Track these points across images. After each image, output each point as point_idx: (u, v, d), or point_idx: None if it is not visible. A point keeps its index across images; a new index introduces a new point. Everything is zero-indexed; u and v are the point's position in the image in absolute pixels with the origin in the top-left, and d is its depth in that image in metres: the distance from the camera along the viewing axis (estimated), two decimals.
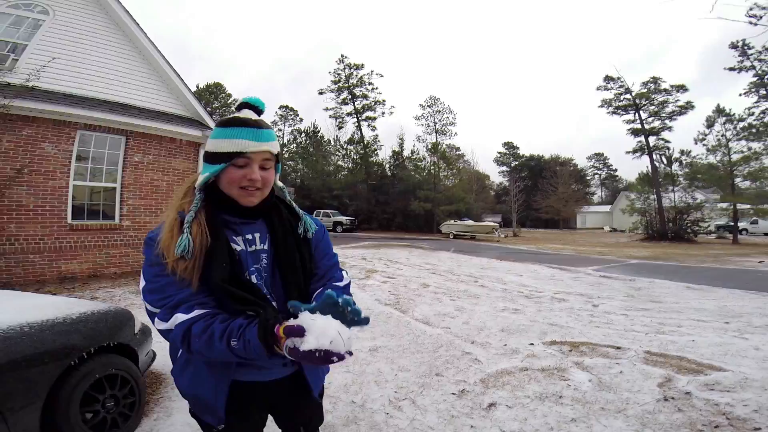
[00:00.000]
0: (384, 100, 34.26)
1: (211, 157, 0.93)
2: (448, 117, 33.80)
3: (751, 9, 14.64)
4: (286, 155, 36.35)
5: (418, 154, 34.09)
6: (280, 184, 1.06)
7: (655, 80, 25.62)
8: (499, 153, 52.32)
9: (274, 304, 0.95)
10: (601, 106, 27.66)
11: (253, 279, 0.95)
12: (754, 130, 22.28)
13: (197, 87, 38.71)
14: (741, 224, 23.82)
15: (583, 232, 38.09)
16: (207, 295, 0.89)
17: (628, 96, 26.31)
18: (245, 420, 1.05)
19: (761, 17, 14.84)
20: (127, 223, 7.10)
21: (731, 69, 23.81)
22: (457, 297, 6.13)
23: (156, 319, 0.88)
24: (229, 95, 41.33)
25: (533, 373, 3.09)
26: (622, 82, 26.45)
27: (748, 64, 23.13)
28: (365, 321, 0.79)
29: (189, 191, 0.97)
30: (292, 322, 0.76)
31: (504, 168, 51.74)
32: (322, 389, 1.19)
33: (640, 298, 6.43)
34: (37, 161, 6.00)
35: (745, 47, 22.91)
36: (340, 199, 31.63)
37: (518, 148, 52.03)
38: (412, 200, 28.65)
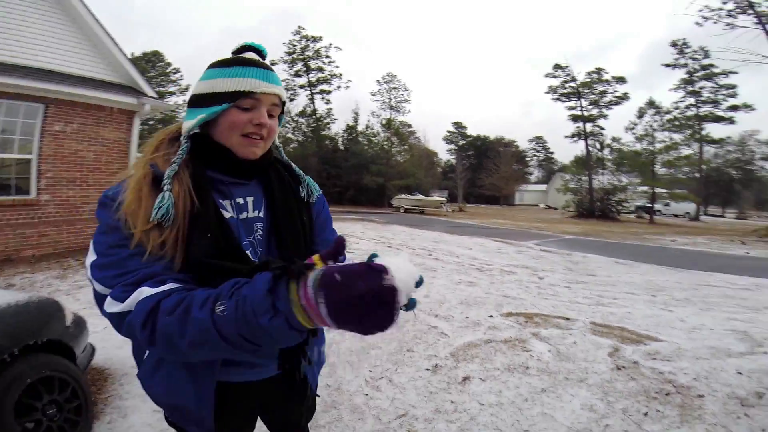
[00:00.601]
0: (341, 74, 33.42)
1: (207, 99, 0.76)
2: (403, 94, 34.19)
3: (701, 11, 15.95)
4: None
5: (372, 129, 34.16)
6: (276, 141, 0.89)
7: (598, 71, 27.48)
8: (449, 132, 53.47)
9: None
10: (548, 92, 29.27)
11: (248, 255, 0.76)
12: (677, 123, 25.09)
13: (132, 55, 34.76)
14: (656, 206, 26.74)
15: (521, 208, 40.67)
16: (185, 273, 0.67)
17: (573, 84, 28.02)
18: (237, 429, 0.90)
19: (708, 19, 16.31)
20: (46, 197, 6.17)
21: (667, 65, 26.50)
22: None
23: (108, 299, 0.63)
24: (169, 64, 38.16)
25: (497, 345, 3.20)
26: (569, 70, 28.06)
27: (682, 61, 25.77)
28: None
29: (163, 143, 0.78)
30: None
31: (452, 146, 53.11)
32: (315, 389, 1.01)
33: (578, 271, 6.98)
34: None
35: (684, 46, 25.43)
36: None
37: (466, 128, 53.44)
38: (364, 174, 28.64)
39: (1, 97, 5.63)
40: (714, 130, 26.47)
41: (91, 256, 0.68)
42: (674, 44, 25.95)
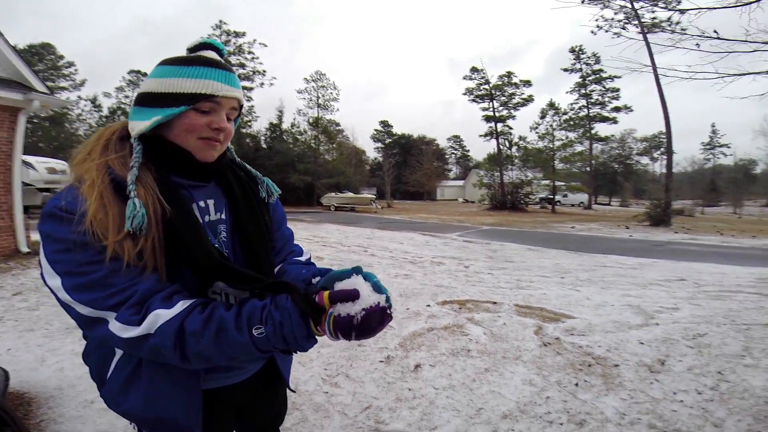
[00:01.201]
0: (264, 71, 32.12)
1: (162, 99, 0.72)
2: (332, 93, 34.04)
3: (597, 20, 18.36)
4: None
5: (298, 127, 33.46)
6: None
7: (509, 74, 30.19)
8: (376, 130, 54.78)
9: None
10: (465, 93, 31.30)
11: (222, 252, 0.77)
12: (572, 123, 28.93)
13: (15, 47, 29.20)
14: (557, 197, 30.37)
15: (442, 203, 43.12)
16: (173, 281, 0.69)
17: (486, 86, 30.27)
18: None
19: (601, 28, 18.82)
20: None
21: (565, 70, 30.44)
22: None
23: (117, 324, 0.62)
24: (61, 57, 33.86)
25: (439, 332, 3.44)
26: (484, 73, 30.31)
27: (578, 66, 29.83)
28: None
29: (111, 143, 0.73)
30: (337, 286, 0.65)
31: (379, 144, 54.33)
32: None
33: (497, 259, 7.68)
34: None
35: (580, 52, 29.45)
36: None
37: (392, 126, 54.99)
38: (291, 173, 27.91)
39: None
40: (601, 128, 31.22)
41: (54, 278, 0.62)
42: (572, 50, 30.04)
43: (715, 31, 3.12)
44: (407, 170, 42.49)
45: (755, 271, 6.76)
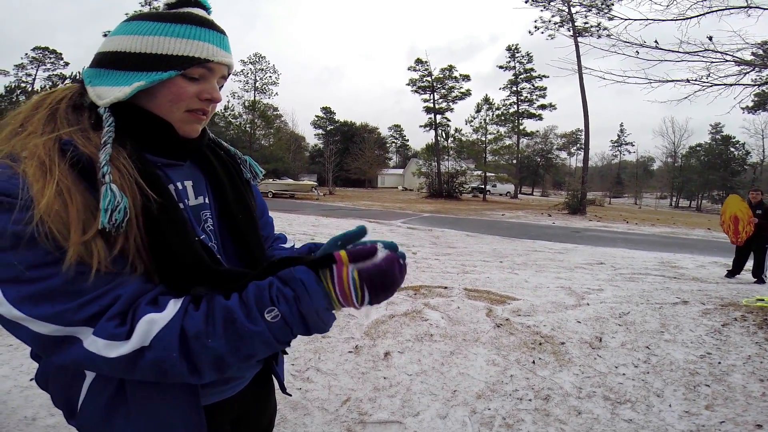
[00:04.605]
0: None
1: (145, 61, 0.58)
2: (271, 76, 32.79)
3: (535, 21, 19.53)
4: None
5: (233, 110, 31.59)
6: None
7: (450, 68, 31.10)
8: (317, 117, 53.11)
9: None
10: (408, 84, 31.63)
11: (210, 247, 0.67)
12: (503, 118, 30.96)
13: None
14: (487, 187, 32.39)
15: (383, 190, 43.64)
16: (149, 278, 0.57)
17: (429, 78, 30.81)
18: None
19: (538, 28, 20.08)
20: None
21: (501, 67, 32.35)
22: None
23: (98, 341, 0.48)
24: None
25: (400, 319, 3.50)
26: (427, 66, 30.77)
27: (512, 64, 31.80)
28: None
29: (58, 114, 0.57)
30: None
31: (320, 131, 52.95)
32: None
33: (440, 245, 8.01)
34: None
35: (515, 51, 31.45)
36: None
37: (335, 113, 53.75)
38: None
39: None
40: (528, 124, 34.00)
41: None
42: (508, 48, 32.06)
43: (655, 41, 3.50)
44: (349, 158, 42.19)
45: (657, 256, 7.87)
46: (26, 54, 33.24)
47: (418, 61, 30.93)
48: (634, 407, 2.18)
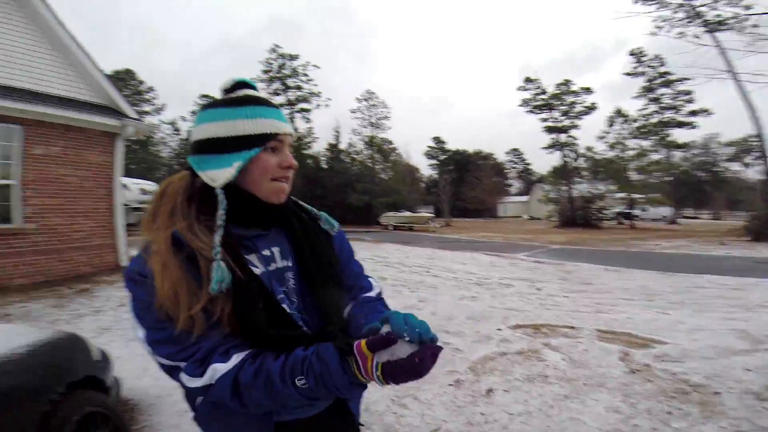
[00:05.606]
0: (320, 92, 33.44)
1: (235, 142, 0.70)
2: (382, 111, 34.54)
3: (654, 21, 17.04)
4: None
5: (354, 147, 34.22)
6: None
7: (566, 83, 28.54)
8: (429, 147, 54.28)
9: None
10: (521, 105, 30.10)
11: (285, 308, 0.75)
12: (643, 130, 26.20)
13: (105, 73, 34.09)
14: (635, 211, 27.56)
15: (505, 220, 41.47)
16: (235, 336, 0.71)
17: (543, 96, 28.92)
18: None
19: (661, 28, 17.41)
20: (33, 226, 5.97)
21: (628, 74, 27.73)
22: (417, 288, 6.24)
23: (184, 375, 0.67)
24: (141, 82, 37.77)
25: (513, 357, 3.25)
26: (539, 83, 29.02)
27: (641, 69, 27.00)
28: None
29: (176, 209, 0.72)
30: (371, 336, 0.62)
31: (433, 161, 53.85)
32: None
33: (572, 280, 7.13)
34: None
35: (641, 54, 26.74)
36: None
37: (446, 142, 54.40)
38: (350, 193, 28.66)
39: None
40: (678, 134, 27.51)
41: (140, 330, 0.68)
42: (632, 53, 27.22)
43: None
44: (465, 187, 41.60)
45: None
46: (195, 101, 35.85)
47: (528, 80, 29.24)
48: None
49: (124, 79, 36.40)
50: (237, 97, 0.74)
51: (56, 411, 1.44)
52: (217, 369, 0.65)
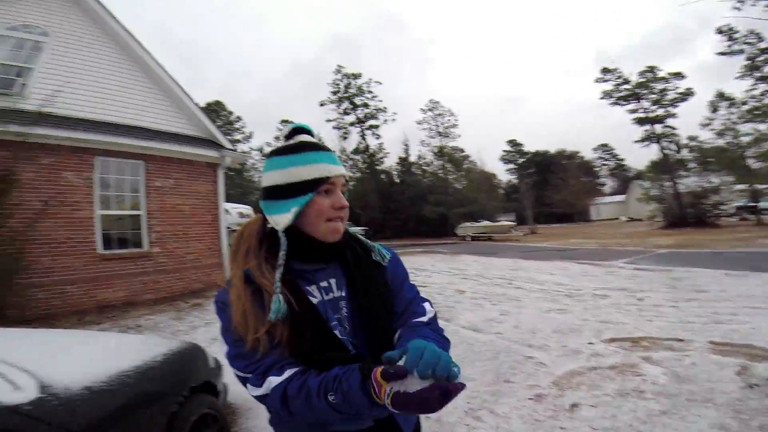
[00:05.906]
0: (385, 108, 34.38)
1: (291, 189, 0.81)
2: (449, 119, 34.16)
3: None
4: None
5: (424, 158, 34.17)
6: None
7: (651, 69, 25.42)
8: (504, 151, 51.86)
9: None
10: (602, 97, 27.41)
11: (337, 334, 0.83)
12: (757, 112, 21.82)
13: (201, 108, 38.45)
14: (761, 204, 23.00)
15: (599, 224, 37.61)
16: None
17: (627, 86, 26.04)
18: None
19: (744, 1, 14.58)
20: (157, 249, 7.14)
21: (722, 54, 23.47)
22: (498, 301, 6.02)
23: (249, 385, 0.80)
24: (230, 112, 41.34)
25: (604, 372, 2.99)
26: (619, 72, 26.27)
27: (737, 48, 22.69)
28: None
29: (250, 250, 0.85)
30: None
31: (511, 165, 51.27)
32: (419, 427, 1.04)
33: (683, 288, 6.24)
34: (62, 192, 5.97)
35: (731, 31, 22.55)
36: (352, 211, 31.56)
37: (522, 144, 51.57)
38: (423, 205, 28.57)
39: (109, 155, 6.49)
40: None
41: (224, 347, 0.82)
42: (720, 31, 22.99)
43: None
44: (549, 190, 38.67)
45: None
46: (277, 127, 36.99)
47: (605, 71, 26.53)
48: None
49: (216, 110, 39.93)
50: (292, 144, 0.86)
51: (181, 411, 1.73)
52: (272, 381, 0.77)
